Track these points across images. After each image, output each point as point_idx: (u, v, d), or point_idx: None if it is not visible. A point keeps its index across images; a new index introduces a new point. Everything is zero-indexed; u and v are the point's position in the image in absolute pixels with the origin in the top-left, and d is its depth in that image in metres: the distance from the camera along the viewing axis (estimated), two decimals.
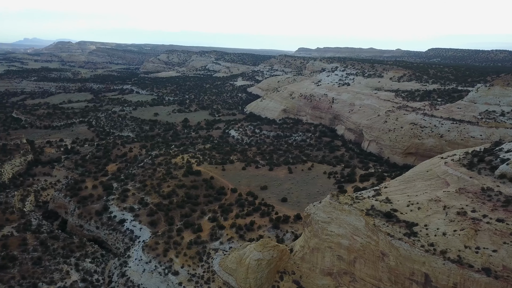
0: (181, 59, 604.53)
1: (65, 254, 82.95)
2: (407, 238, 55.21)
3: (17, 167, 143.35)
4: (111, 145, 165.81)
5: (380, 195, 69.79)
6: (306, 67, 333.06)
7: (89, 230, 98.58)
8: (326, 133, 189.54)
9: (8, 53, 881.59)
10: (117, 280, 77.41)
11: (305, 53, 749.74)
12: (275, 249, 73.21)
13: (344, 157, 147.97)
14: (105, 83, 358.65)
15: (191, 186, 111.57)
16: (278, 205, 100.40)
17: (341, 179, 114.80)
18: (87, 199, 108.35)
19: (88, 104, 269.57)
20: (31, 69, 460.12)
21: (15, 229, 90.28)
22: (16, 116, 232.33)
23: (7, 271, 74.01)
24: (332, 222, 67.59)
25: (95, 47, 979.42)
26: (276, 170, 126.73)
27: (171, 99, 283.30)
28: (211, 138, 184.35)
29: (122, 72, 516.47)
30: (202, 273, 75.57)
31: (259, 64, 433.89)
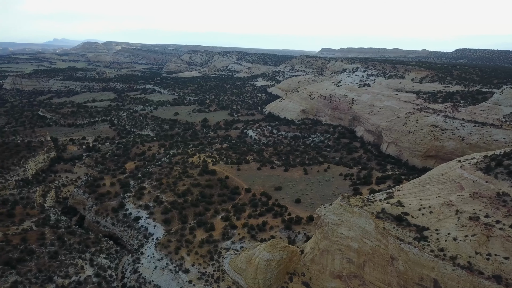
0: (203, 60, 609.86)
1: (80, 249, 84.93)
2: (417, 242, 54.08)
3: (41, 163, 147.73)
4: (130, 143, 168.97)
5: (392, 198, 68.64)
6: (327, 67, 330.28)
7: (105, 227, 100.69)
8: (345, 135, 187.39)
9: (38, 53, 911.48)
10: (129, 276, 78.78)
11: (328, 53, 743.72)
12: (285, 250, 72.95)
13: (362, 159, 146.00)
14: (128, 82, 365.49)
15: (206, 185, 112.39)
16: (291, 206, 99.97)
17: (357, 181, 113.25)
18: (104, 196, 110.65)
19: (111, 103, 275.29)
20: (58, 69, 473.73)
21: (35, 223, 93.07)
22: (42, 114, 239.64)
23: (25, 264, 76.39)
24: (342, 224, 66.88)
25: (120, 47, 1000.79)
26: (291, 171, 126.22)
27: (191, 99, 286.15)
28: (229, 138, 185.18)
29: (146, 72, 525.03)
30: (212, 272, 76.06)
31: (280, 64, 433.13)
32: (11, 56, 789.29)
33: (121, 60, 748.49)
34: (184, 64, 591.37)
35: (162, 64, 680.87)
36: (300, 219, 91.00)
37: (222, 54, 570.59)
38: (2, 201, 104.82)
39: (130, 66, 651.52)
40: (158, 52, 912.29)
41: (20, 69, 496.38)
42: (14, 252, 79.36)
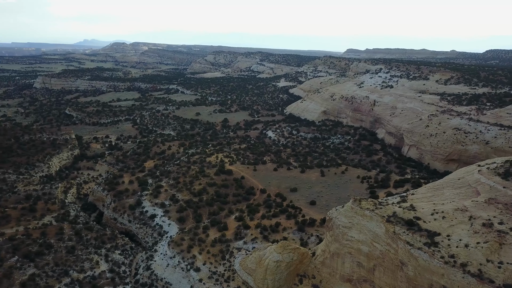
0: (227, 60, 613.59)
1: (97, 244, 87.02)
2: (427, 248, 52.75)
3: (64, 160, 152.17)
4: (151, 142, 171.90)
5: (406, 201, 67.18)
6: (350, 68, 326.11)
7: (122, 223, 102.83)
8: (366, 137, 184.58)
9: (68, 53, 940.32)
10: (142, 272, 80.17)
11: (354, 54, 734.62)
12: (295, 252, 72.56)
13: (381, 161, 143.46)
14: (153, 82, 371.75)
15: (222, 185, 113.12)
16: (306, 208, 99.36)
17: (374, 184, 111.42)
18: (122, 194, 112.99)
19: (134, 103, 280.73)
20: (86, 69, 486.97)
21: (54, 218, 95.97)
22: (68, 113, 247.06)
23: (43, 258, 78.88)
24: (353, 228, 65.97)
25: (147, 48, 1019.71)
26: (308, 173, 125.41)
27: (213, 99, 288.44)
28: (248, 139, 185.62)
29: (170, 72, 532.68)
30: (223, 271, 76.49)
31: (303, 65, 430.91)
32: (43, 56, 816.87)
33: (147, 61, 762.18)
34: (208, 65, 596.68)
35: (187, 65, 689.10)
36: (313, 221, 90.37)
37: (245, 55, 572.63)
38: (26, 196, 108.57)
39: (156, 67, 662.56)
40: (183, 52, 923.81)
41: (51, 69, 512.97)
42: (34, 245, 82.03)
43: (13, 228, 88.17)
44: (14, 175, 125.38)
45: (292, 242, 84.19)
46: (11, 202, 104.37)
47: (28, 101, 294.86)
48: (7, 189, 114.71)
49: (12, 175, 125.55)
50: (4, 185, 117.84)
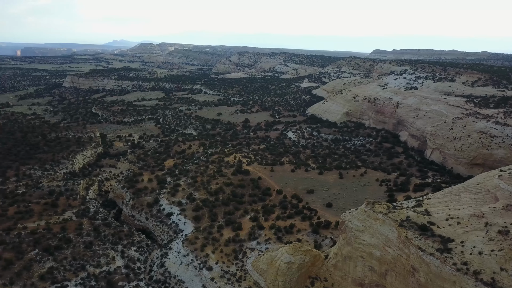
0: (251, 61, 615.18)
1: (114, 240, 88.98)
2: (439, 254, 51.40)
3: (88, 158, 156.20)
4: (172, 141, 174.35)
5: (421, 206, 65.60)
6: (374, 69, 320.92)
7: (139, 221, 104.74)
8: (388, 139, 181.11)
9: (97, 53, 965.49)
10: (156, 269, 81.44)
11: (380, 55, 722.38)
12: (307, 254, 72.05)
13: (402, 164, 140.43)
14: (177, 83, 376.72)
15: (238, 185, 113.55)
16: (321, 210, 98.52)
17: (393, 188, 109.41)
18: (141, 191, 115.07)
19: (158, 102, 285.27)
20: (113, 69, 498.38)
21: (75, 214, 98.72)
22: (94, 112, 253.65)
23: (62, 252, 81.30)
24: (366, 231, 64.98)
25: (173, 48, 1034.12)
26: (326, 174, 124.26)
27: (235, 100, 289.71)
28: (268, 139, 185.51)
29: (195, 72, 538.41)
30: (235, 271, 76.79)
31: (327, 66, 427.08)
32: (73, 56, 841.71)
33: (173, 61, 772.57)
34: (232, 65, 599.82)
35: (212, 65, 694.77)
36: (328, 224, 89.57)
37: (269, 55, 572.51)
38: (49, 191, 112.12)
39: (181, 67, 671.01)
40: (208, 53, 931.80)
41: (80, 68, 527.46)
42: (54, 239, 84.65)
43: (35, 222, 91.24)
44: (39, 171, 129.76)
45: (306, 244, 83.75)
46: (35, 197, 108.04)
47: (57, 100, 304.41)
48: (32, 185, 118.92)
49: (38, 171, 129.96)
50: (29, 180, 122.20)
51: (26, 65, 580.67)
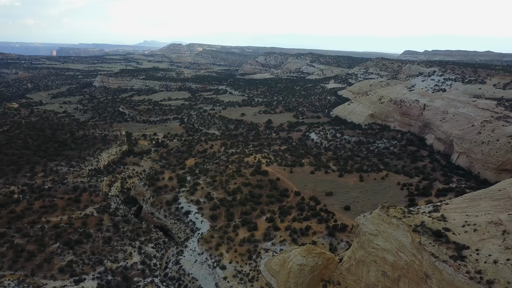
0: (277, 62, 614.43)
1: (132, 237, 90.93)
2: (453, 261, 49.80)
3: (113, 155, 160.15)
4: (195, 141, 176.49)
5: (438, 211, 63.70)
6: (402, 70, 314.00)
7: (158, 218, 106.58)
8: (413, 142, 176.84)
9: (128, 54, 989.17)
10: (171, 267, 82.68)
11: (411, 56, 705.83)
12: (320, 257, 71.35)
13: (426, 168, 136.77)
14: (203, 83, 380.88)
15: (256, 185, 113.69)
16: (339, 213, 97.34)
17: (415, 192, 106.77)
18: (161, 189, 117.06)
19: (184, 102, 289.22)
20: (142, 69, 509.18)
21: (96, 210, 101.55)
22: (122, 111, 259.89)
23: (81, 246, 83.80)
24: (379, 235, 63.76)
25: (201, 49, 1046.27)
26: (346, 177, 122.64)
27: (260, 100, 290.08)
28: (290, 140, 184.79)
29: (221, 73, 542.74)
30: (248, 271, 76.96)
31: (354, 67, 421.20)
32: (105, 56, 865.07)
33: (201, 61, 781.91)
34: (259, 66, 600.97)
35: (238, 66, 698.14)
36: (345, 227, 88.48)
37: (296, 56, 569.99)
38: (74, 187, 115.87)
39: (209, 67, 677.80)
40: (236, 54, 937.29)
41: (111, 68, 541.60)
42: (74, 234, 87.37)
43: (58, 217, 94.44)
44: (65, 167, 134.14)
45: (321, 246, 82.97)
46: (60, 192, 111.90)
47: (87, 99, 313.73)
48: (58, 180, 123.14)
49: (64, 167, 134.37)
50: (56, 176, 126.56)
51: (60, 64, 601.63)
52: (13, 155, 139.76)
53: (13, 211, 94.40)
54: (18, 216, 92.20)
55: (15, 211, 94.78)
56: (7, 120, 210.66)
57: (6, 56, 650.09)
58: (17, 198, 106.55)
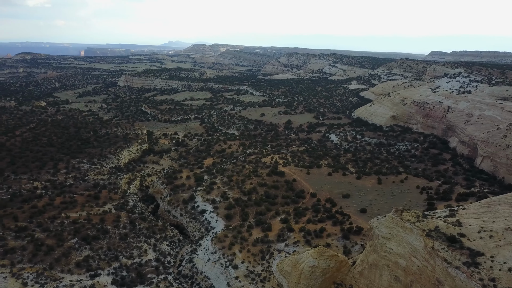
0: (300, 62, 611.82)
1: (147, 234, 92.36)
2: (466, 268, 48.45)
3: (133, 154, 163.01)
4: (214, 140, 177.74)
5: (454, 216, 62.07)
6: (427, 72, 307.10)
7: (174, 216, 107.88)
8: (436, 145, 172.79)
9: (153, 54, 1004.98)
10: (185, 265, 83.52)
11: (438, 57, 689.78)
12: (332, 259, 70.65)
13: (448, 172, 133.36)
14: (224, 83, 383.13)
15: (272, 186, 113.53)
16: (355, 216, 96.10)
17: (434, 196, 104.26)
18: (179, 188, 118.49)
19: (205, 102, 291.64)
20: (165, 69, 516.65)
21: (114, 207, 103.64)
22: (144, 110, 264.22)
23: (98, 242, 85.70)
24: (392, 239, 62.64)
25: (225, 49, 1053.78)
26: (364, 179, 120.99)
27: (280, 101, 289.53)
28: (309, 141, 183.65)
29: (243, 73, 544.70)
30: (260, 271, 76.94)
31: (378, 67, 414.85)
32: (130, 56, 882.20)
33: (223, 62, 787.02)
34: (281, 66, 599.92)
35: (261, 66, 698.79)
36: (360, 230, 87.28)
37: (318, 56, 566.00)
38: (94, 184, 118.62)
39: (231, 68, 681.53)
40: (259, 54, 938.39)
41: (135, 68, 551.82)
42: (92, 230, 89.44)
43: (77, 213, 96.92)
44: (87, 165, 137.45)
45: (334, 249, 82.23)
46: (81, 189, 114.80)
47: (112, 98, 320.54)
48: (79, 177, 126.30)
49: (86, 164, 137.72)
50: (78, 173, 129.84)
51: (87, 64, 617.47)
52: (38, 152, 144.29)
53: (35, 206, 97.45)
54: (39, 211, 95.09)
55: (37, 206, 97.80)
56: (34, 118, 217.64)
57: (36, 56, 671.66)
58: (40, 193, 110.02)
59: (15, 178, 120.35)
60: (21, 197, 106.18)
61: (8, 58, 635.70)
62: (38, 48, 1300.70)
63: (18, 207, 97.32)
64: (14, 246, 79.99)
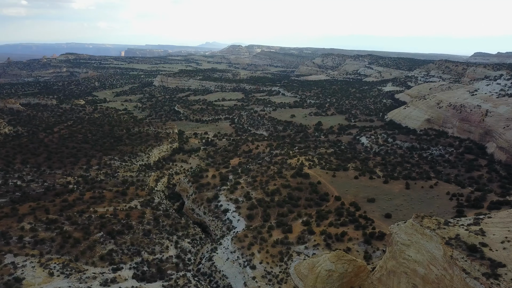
0: (335, 63, 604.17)
1: (170, 231, 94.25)
2: (485, 279, 46.25)
3: (164, 152, 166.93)
4: (242, 141, 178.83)
5: (478, 225, 59.36)
6: (466, 74, 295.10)
7: (198, 214, 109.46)
8: (472, 150, 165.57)
9: (189, 55, 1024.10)
10: (204, 263, 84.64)
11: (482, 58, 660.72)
12: (350, 264, 69.34)
13: (482, 179, 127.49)
14: (257, 84, 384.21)
15: (296, 188, 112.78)
16: (379, 221, 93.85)
17: (465, 203, 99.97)
18: (204, 187, 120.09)
19: (237, 103, 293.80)
20: (200, 69, 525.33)
21: (140, 203, 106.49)
22: (177, 110, 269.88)
23: (122, 236, 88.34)
24: (411, 246, 60.74)
25: (260, 50, 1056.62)
26: (391, 184, 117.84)
27: (312, 102, 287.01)
28: (339, 144, 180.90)
29: (276, 74, 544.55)
30: (277, 273, 76.78)
31: (415, 69, 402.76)
32: (167, 57, 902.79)
33: (258, 63, 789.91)
34: (315, 67, 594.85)
35: (296, 67, 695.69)
36: (383, 235, 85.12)
37: (354, 57, 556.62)
38: (122, 181, 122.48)
39: (265, 69, 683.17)
40: (294, 55, 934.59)
41: (172, 69, 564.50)
42: (117, 225, 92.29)
43: (104, 208, 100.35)
44: (118, 162, 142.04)
45: (355, 253, 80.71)
46: (110, 185, 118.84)
47: (147, 97, 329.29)
48: (110, 174, 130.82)
49: (117, 161, 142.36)
50: (109, 169, 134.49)
51: (126, 64, 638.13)
52: (73, 148, 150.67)
53: (65, 200, 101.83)
54: (69, 205, 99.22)
55: (68, 200, 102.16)
56: (73, 116, 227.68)
57: (79, 56, 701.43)
58: (72, 188, 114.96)
59: (50, 172, 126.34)
60: (54, 191, 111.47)
61: (53, 58, 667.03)
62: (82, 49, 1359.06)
63: (50, 200, 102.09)
64: (44, 237, 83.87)
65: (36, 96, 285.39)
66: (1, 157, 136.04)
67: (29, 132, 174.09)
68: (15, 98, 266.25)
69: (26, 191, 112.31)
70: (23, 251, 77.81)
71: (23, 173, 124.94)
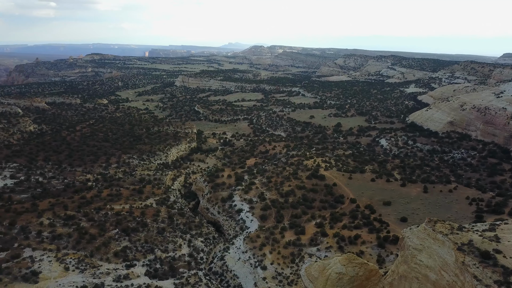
0: (357, 64, 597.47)
1: (184, 230, 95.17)
2: (497, 286, 44.87)
3: (182, 151, 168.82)
4: (259, 141, 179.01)
5: (493, 230, 57.58)
6: (492, 75, 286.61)
7: (212, 214, 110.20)
8: (496, 154, 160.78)
9: (212, 55, 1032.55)
10: (216, 262, 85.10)
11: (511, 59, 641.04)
12: (361, 267, 68.38)
13: (505, 183, 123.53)
14: (277, 85, 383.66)
15: (311, 189, 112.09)
16: (394, 224, 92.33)
17: (485, 208, 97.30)
18: (219, 186, 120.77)
19: (256, 103, 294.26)
20: (221, 70, 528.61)
21: (156, 201, 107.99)
22: (197, 110, 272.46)
23: (137, 234, 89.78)
24: (424, 251, 59.42)
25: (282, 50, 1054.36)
26: (408, 187, 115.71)
27: (332, 103, 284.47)
28: (358, 145, 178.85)
29: (297, 75, 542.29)
30: (288, 274, 76.52)
31: (439, 70, 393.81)
32: (190, 58, 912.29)
33: (279, 63, 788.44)
34: (337, 68, 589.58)
35: (317, 68, 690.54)
36: (397, 239, 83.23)
37: (376, 58, 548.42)
38: (140, 179, 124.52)
39: (286, 69, 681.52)
40: (316, 55, 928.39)
41: (194, 69, 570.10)
42: (132, 222, 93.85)
43: (121, 205, 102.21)
44: (137, 160, 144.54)
45: (368, 257, 79.63)
46: (128, 183, 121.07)
47: (168, 97, 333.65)
48: (128, 172, 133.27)
49: (136, 160, 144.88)
50: (127, 168, 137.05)
51: (149, 65, 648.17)
52: (93, 146, 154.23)
53: (84, 197, 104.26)
54: (87, 202, 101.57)
55: (86, 197, 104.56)
56: (95, 115, 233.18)
57: (104, 56, 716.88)
58: (91, 185, 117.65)
59: (70, 170, 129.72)
60: (74, 187, 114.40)
61: (79, 58, 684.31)
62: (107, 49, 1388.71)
63: (69, 197, 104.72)
64: (61, 232, 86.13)
65: (61, 95, 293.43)
66: (25, 154, 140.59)
67: (53, 130, 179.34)
68: (41, 97, 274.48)
69: (46, 187, 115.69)
70: (41, 246, 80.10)
71: (45, 170, 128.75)
